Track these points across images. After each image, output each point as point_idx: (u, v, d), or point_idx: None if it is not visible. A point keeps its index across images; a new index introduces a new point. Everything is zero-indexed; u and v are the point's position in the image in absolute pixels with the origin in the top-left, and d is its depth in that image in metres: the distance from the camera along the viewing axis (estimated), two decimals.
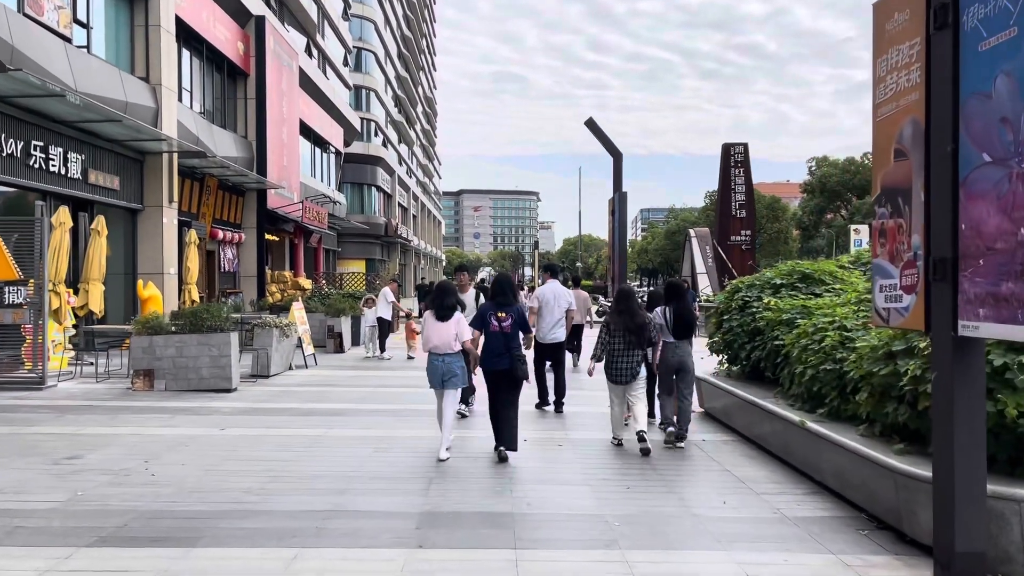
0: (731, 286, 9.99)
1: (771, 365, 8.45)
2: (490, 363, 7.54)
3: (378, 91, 57.24)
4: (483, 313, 7.69)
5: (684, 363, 8.25)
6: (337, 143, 40.45)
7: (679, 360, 8.24)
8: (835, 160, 55.71)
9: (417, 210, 77.99)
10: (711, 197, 67.41)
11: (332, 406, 10.43)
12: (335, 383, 12.88)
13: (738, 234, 41.78)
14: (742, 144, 42.08)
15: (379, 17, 57.78)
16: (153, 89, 18.46)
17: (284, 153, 28.13)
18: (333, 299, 19.23)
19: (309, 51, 36.94)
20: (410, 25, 75.69)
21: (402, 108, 72.01)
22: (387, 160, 57.47)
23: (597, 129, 14.56)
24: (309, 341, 15.23)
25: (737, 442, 8.28)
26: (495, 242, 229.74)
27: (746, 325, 9.11)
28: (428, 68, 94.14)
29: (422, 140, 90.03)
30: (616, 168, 14.27)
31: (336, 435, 8.47)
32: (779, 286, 9.38)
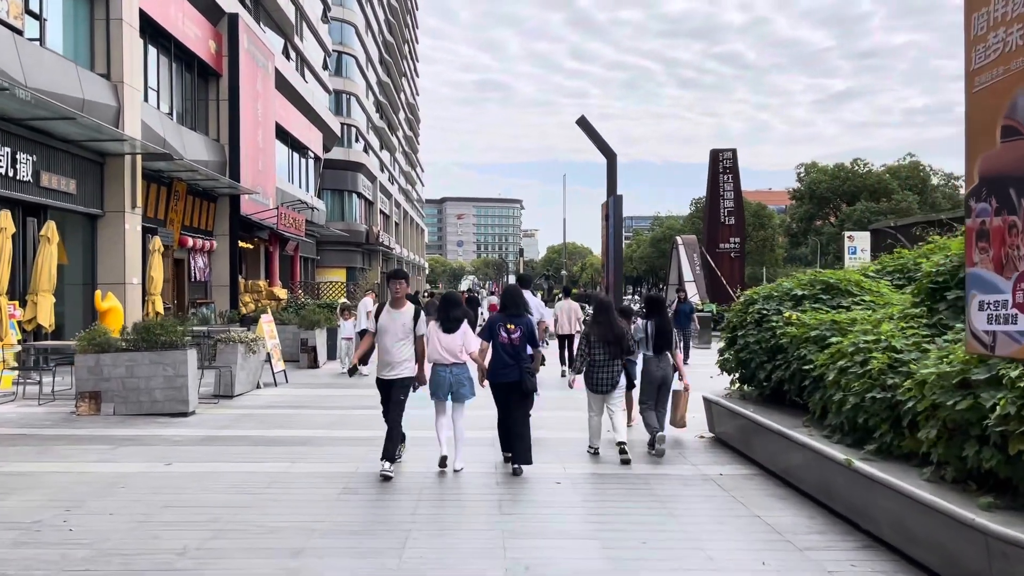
0: (745, 297, 8.99)
1: (796, 388, 7.44)
2: (499, 375, 7.41)
3: (359, 96, 56.11)
4: (492, 324, 7.57)
5: (666, 377, 8.45)
6: (316, 148, 39.29)
7: (662, 374, 8.41)
8: (824, 166, 55.07)
9: (399, 217, 76.81)
10: (697, 204, 66.75)
11: (299, 433, 9.31)
12: (306, 404, 11.74)
13: (727, 241, 41.00)
14: (730, 150, 41.30)
15: (360, 21, 56.70)
16: (115, 87, 17.29)
17: (259, 157, 26.96)
18: (307, 310, 18.08)
19: (287, 53, 35.80)
20: (392, 30, 74.65)
21: (384, 114, 70.90)
22: (368, 166, 56.32)
23: (590, 128, 13.56)
24: (279, 357, 14.09)
25: (760, 476, 7.25)
26: (479, 250, 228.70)
27: (765, 342, 8.10)
28: (410, 74, 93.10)
29: (404, 146, 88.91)
30: (610, 170, 13.27)
31: (300, 471, 7.36)
32: (800, 297, 8.37)
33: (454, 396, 7.44)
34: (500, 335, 7.45)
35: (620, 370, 8.04)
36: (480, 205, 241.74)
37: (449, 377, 7.37)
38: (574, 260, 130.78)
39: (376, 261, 60.13)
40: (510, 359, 7.39)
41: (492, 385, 7.53)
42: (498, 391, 7.52)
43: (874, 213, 46.19)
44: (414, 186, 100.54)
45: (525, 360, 7.44)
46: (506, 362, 7.39)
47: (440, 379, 7.41)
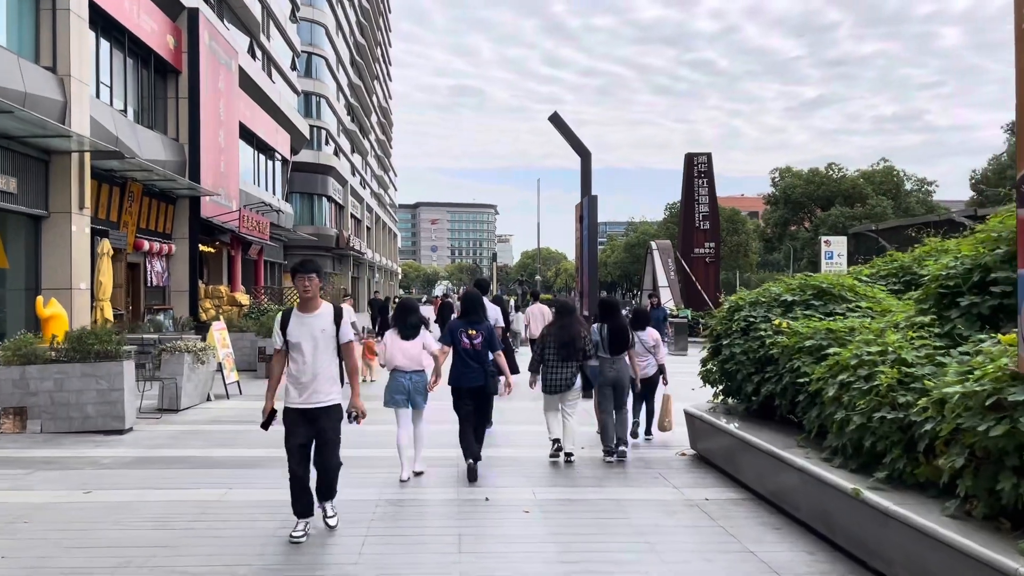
0: (730, 303, 8.31)
1: (788, 403, 6.76)
2: (462, 380, 7.51)
3: (329, 98, 55.13)
4: (453, 330, 7.63)
5: (620, 380, 8.44)
6: (284, 150, 38.30)
7: (615, 376, 8.42)
8: (799, 171, 54.86)
9: (371, 222, 75.76)
10: (672, 209, 66.44)
11: (244, 453, 8.48)
12: (257, 418, 10.85)
13: (702, 246, 40.57)
14: (705, 154, 40.93)
15: (330, 22, 55.74)
16: (61, 81, 16.30)
17: (221, 158, 25.97)
18: (267, 316, 17.18)
19: (252, 52, 34.82)
20: (363, 32, 73.70)
21: (355, 117, 69.89)
22: (339, 170, 55.30)
23: (563, 125, 12.87)
24: (232, 366, 13.22)
25: (750, 501, 6.57)
26: (453, 255, 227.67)
27: (752, 352, 7.42)
28: (383, 77, 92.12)
29: (377, 150, 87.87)
30: (584, 168, 12.59)
31: (237, 499, 6.56)
32: (790, 304, 7.71)
33: (412, 402, 7.43)
34: (462, 340, 7.52)
35: (575, 372, 8.15)
36: (454, 210, 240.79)
37: (408, 384, 7.36)
38: (548, 265, 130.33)
39: (347, 266, 59.09)
40: (474, 363, 7.50)
41: (455, 390, 7.59)
42: (462, 396, 7.57)
43: (849, 218, 46.03)
44: (387, 190, 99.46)
45: (488, 364, 7.57)
46: (470, 366, 7.50)
47: (399, 385, 7.36)
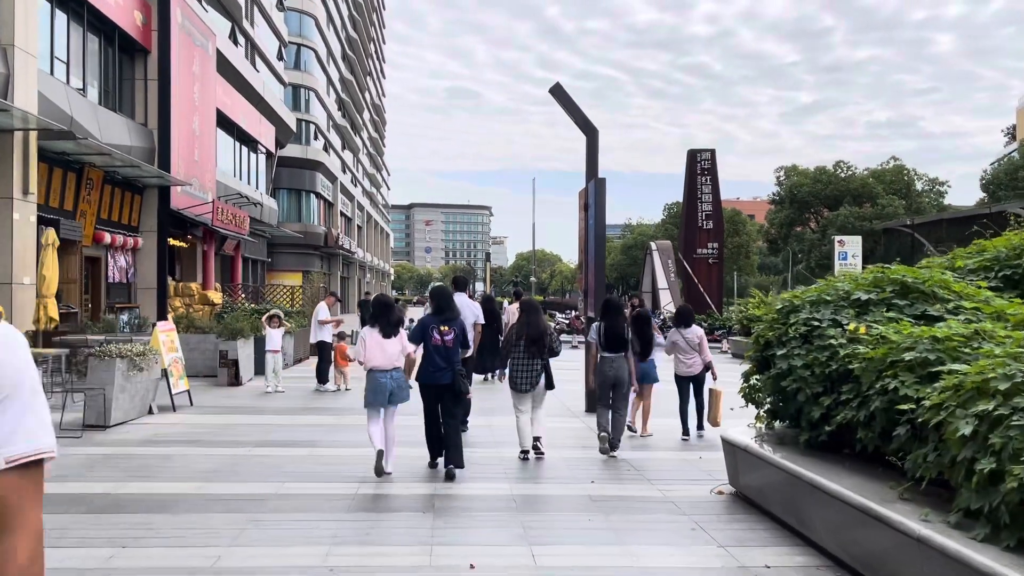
0: (782, 303, 6.57)
1: (876, 436, 5.03)
2: (431, 377, 7.45)
3: (319, 92, 53.31)
4: (425, 327, 7.58)
5: (619, 377, 8.56)
6: (268, 142, 36.51)
7: (614, 374, 8.56)
8: (805, 170, 53.00)
9: (362, 221, 73.93)
10: (670, 210, 64.79)
11: (163, 488, 6.70)
12: (199, 438, 9.11)
13: (705, 247, 38.91)
14: (709, 150, 39.28)
15: (321, 14, 53.93)
16: (3, 51, 14.52)
17: (195, 146, 24.18)
18: (231, 317, 15.40)
19: (234, 38, 33.04)
20: (356, 27, 71.89)
21: (347, 112, 68.07)
22: (328, 166, 53.49)
23: (566, 98, 11.19)
24: (181, 373, 11.44)
25: (829, 571, 4.82)
26: (447, 256, 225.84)
27: (819, 365, 5.68)
28: (376, 74, 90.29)
29: (369, 148, 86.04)
30: (590, 148, 10.90)
31: (122, 566, 4.78)
32: (865, 303, 5.98)
33: (392, 399, 7.32)
34: (433, 337, 7.46)
35: (540, 371, 8.21)
36: (449, 211, 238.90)
37: (390, 383, 7.26)
38: (543, 267, 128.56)
39: (336, 265, 57.28)
40: (443, 362, 7.43)
41: (424, 387, 7.54)
42: (430, 393, 7.54)
43: (859, 218, 44.37)
44: (379, 189, 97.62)
45: (458, 362, 7.51)
46: (439, 364, 7.42)
47: (379, 385, 7.25)
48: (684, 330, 9.68)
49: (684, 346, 9.62)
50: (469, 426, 10.04)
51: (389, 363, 7.27)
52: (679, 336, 9.69)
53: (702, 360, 9.64)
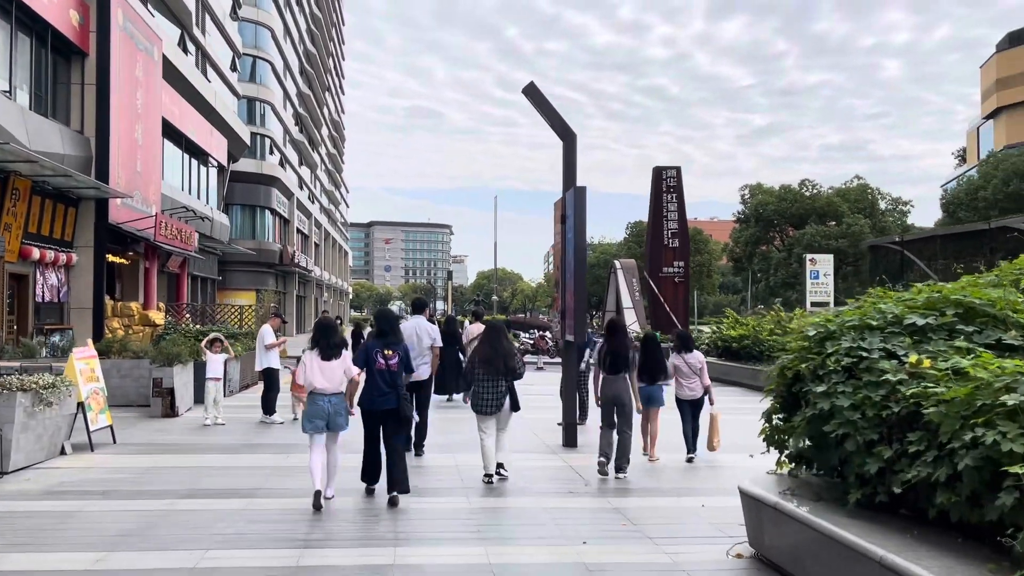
0: (815, 328, 5.50)
1: (959, 499, 3.94)
2: (375, 402, 7.31)
3: (275, 105, 51.75)
4: (368, 350, 7.46)
5: (619, 397, 8.58)
6: (220, 155, 34.94)
7: (614, 394, 8.58)
8: (770, 188, 52.68)
9: (320, 238, 72.14)
10: (633, 229, 64.21)
11: (50, 563, 5.35)
12: (115, 487, 7.73)
13: (671, 265, 37.99)
14: (675, 168, 38.50)
15: (278, 25, 52.49)
16: None
17: (137, 156, 22.64)
18: (167, 341, 13.95)
19: (184, 46, 31.51)
20: (315, 41, 70.46)
21: (304, 127, 66.46)
22: (285, 181, 51.88)
23: (540, 99, 10.12)
24: (103, 406, 10.00)
25: None
26: (407, 275, 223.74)
27: (874, 407, 4.59)
28: (335, 89, 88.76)
29: (327, 164, 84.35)
30: (567, 154, 9.85)
31: None
32: (921, 329, 4.92)
33: (331, 426, 7.14)
34: (377, 361, 7.34)
35: (505, 392, 8.14)
36: (409, 230, 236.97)
37: (328, 407, 7.10)
38: (504, 286, 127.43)
39: (292, 284, 55.50)
40: (387, 386, 7.31)
41: (366, 413, 7.37)
42: (373, 419, 7.39)
43: (825, 236, 44.08)
44: (338, 207, 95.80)
45: (402, 386, 7.43)
46: (383, 389, 7.29)
47: (319, 410, 7.09)
48: (686, 355, 9.86)
49: (686, 370, 9.82)
50: (434, 465, 8.88)
51: (330, 387, 7.11)
52: (681, 360, 9.87)
53: (702, 384, 9.83)
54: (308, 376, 7.13)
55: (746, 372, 19.38)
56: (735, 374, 19.88)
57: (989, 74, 77.98)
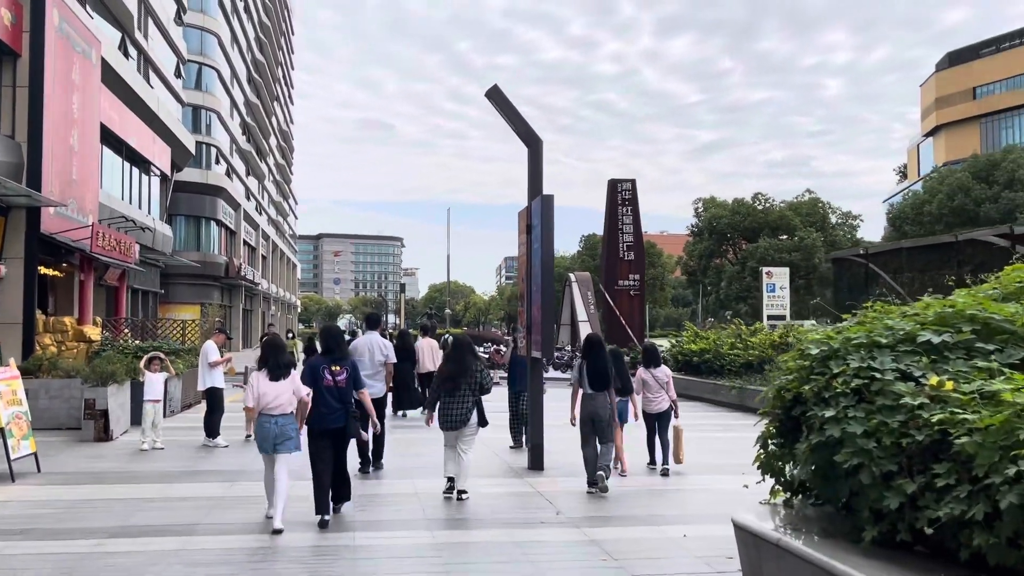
0: (815, 346, 5.04)
1: (999, 541, 3.50)
2: (323, 421, 7.15)
3: (222, 114, 50.45)
4: (315, 368, 7.28)
5: (599, 414, 8.57)
6: (163, 164, 33.72)
7: (594, 411, 8.58)
8: (723, 201, 53.07)
9: (268, 251, 70.56)
10: (587, 242, 64.19)
11: None
12: (34, 524, 6.93)
13: (626, 278, 37.80)
14: (630, 180, 38.47)
15: (225, 33, 51.28)
16: None
17: (73, 163, 21.53)
18: (101, 359, 13.03)
19: (125, 49, 30.36)
20: (263, 49, 69.16)
21: (252, 137, 65.04)
22: (231, 192, 50.52)
23: (504, 103, 9.60)
24: (25, 432, 9.14)
25: None
26: (357, 288, 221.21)
27: (891, 434, 4.15)
28: (284, 99, 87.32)
29: (276, 175, 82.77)
30: (533, 161, 9.39)
31: None
32: (938, 348, 4.50)
33: (278, 448, 6.94)
34: (325, 379, 7.21)
35: (471, 407, 8.15)
36: (359, 242, 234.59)
37: (275, 428, 6.92)
38: (457, 299, 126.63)
39: (238, 297, 54.01)
40: (336, 403, 7.19)
41: (315, 432, 7.18)
42: (321, 438, 7.18)
43: (778, 250, 44.48)
44: (286, 218, 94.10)
45: (351, 403, 7.32)
46: (333, 407, 7.17)
47: (266, 431, 6.94)
48: (653, 369, 9.95)
49: (653, 385, 9.92)
50: (392, 492, 8.27)
51: (279, 408, 6.94)
52: (649, 375, 9.95)
53: (668, 397, 9.95)
54: (255, 397, 6.97)
55: (707, 387, 19.08)
56: (696, 389, 19.58)
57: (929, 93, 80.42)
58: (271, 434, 6.89)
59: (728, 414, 16.88)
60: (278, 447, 6.92)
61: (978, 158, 48.99)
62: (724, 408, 17.71)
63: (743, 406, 17.18)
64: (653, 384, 9.89)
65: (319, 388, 7.16)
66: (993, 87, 73.05)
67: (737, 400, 17.40)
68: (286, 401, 6.98)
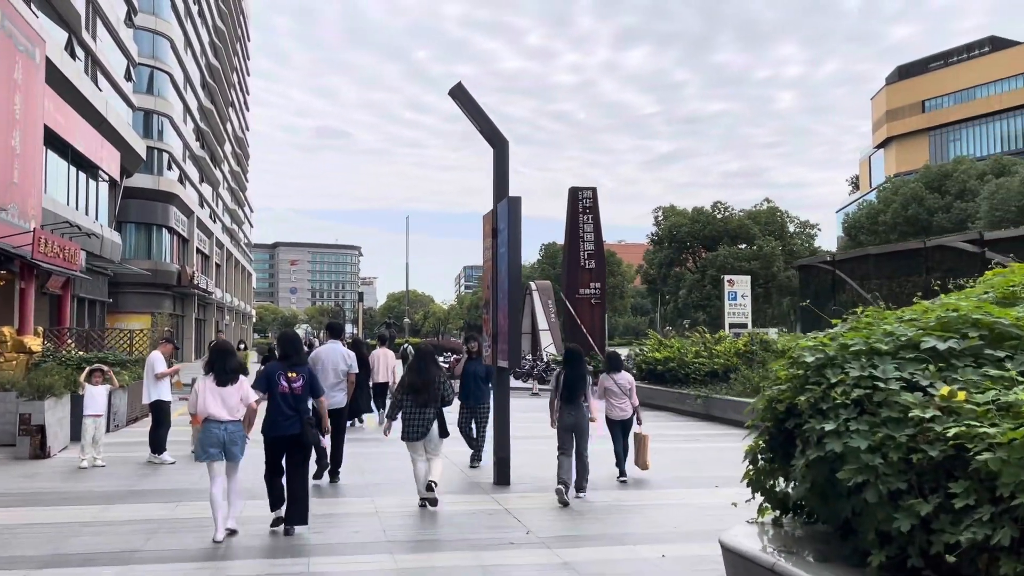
0: (811, 353, 4.71)
1: None
2: (277, 428, 6.95)
3: (174, 118, 49.22)
4: (270, 373, 7.09)
5: (579, 425, 8.69)
6: (112, 169, 32.65)
7: (573, 421, 8.67)
8: (683, 210, 53.32)
9: (222, 259, 69.09)
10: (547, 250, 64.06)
11: None
12: None
13: (587, 287, 37.55)
14: (590, 188, 38.20)
15: (178, 36, 50.09)
16: None
17: (14, 165, 20.59)
18: (40, 371, 12.27)
19: (72, 50, 29.30)
20: (218, 54, 67.87)
21: (206, 143, 63.68)
22: (184, 199, 49.32)
23: (469, 102, 9.20)
24: None
25: None
26: (313, 298, 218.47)
27: (898, 448, 3.82)
28: (239, 105, 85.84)
29: (231, 182, 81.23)
30: (499, 162, 9.04)
31: None
32: (945, 354, 4.20)
33: (227, 455, 6.80)
34: (280, 385, 7.02)
35: (432, 418, 8.10)
36: (316, 251, 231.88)
37: (223, 435, 6.76)
38: (416, 308, 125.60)
39: (190, 307, 52.66)
40: (291, 410, 6.99)
41: (270, 440, 7.03)
42: (276, 446, 7.03)
43: (738, 258, 44.74)
44: (241, 227, 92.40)
45: (307, 411, 7.12)
46: (287, 414, 6.97)
47: (213, 437, 6.75)
48: (615, 375, 9.94)
49: (616, 391, 9.90)
50: (350, 512, 7.77)
51: (226, 414, 6.80)
52: (611, 381, 9.95)
53: (631, 404, 9.94)
54: (201, 403, 6.81)
55: (672, 396, 18.84)
56: (661, 398, 19.32)
57: (879, 106, 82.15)
58: (219, 440, 6.74)
59: (694, 423, 16.63)
60: (227, 454, 6.80)
61: (930, 169, 50.00)
62: (690, 417, 17.47)
63: (709, 415, 16.95)
64: (616, 390, 9.87)
65: (274, 394, 6.99)
66: (941, 100, 74.89)
67: (703, 409, 17.17)
68: (233, 407, 6.84)
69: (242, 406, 6.93)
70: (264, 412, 7.08)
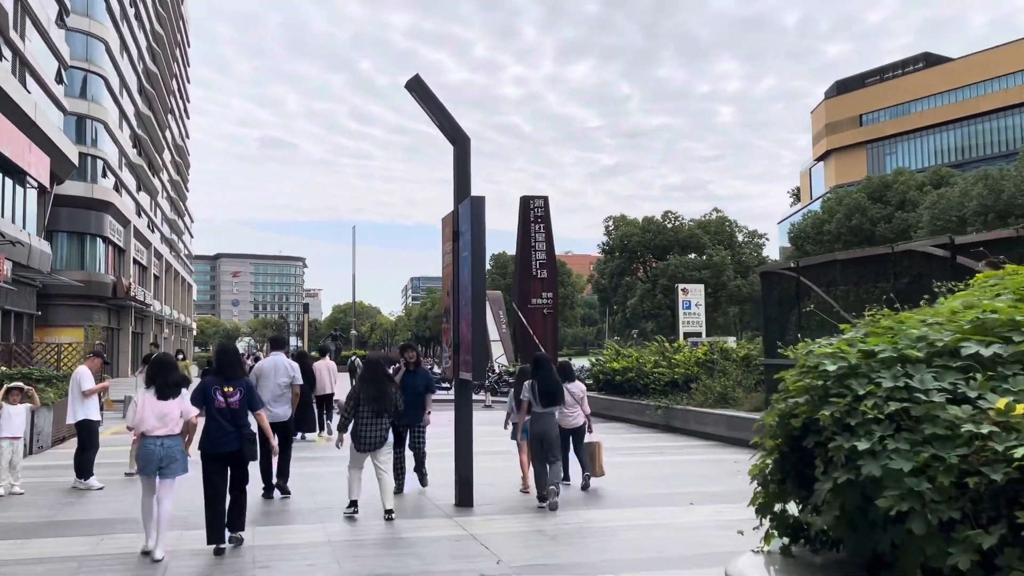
0: (832, 360, 4.18)
1: None
2: (215, 445, 6.78)
3: (109, 124, 47.36)
4: (206, 388, 6.91)
5: (548, 433, 8.70)
6: (41, 175, 31.07)
7: (543, 429, 8.71)
8: (634, 220, 53.37)
9: (161, 270, 66.83)
10: (497, 260, 63.54)
11: None
12: None
13: (539, 296, 37.13)
14: (542, 197, 37.86)
15: (114, 39, 48.29)
16: None
17: None
18: None
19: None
20: (156, 59, 65.82)
21: (143, 150, 61.59)
22: (120, 207, 47.44)
23: (427, 96, 8.59)
24: None
25: None
26: (256, 310, 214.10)
27: (948, 472, 3.31)
28: (179, 113, 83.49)
29: (170, 191, 78.85)
30: (460, 160, 8.48)
31: None
32: (990, 362, 3.72)
33: (163, 472, 6.58)
34: (216, 400, 6.81)
35: (387, 428, 8.09)
36: (259, 263, 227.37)
37: (160, 451, 6.57)
38: (363, 320, 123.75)
39: (127, 319, 50.66)
40: (229, 426, 6.78)
41: (207, 456, 6.78)
42: (215, 462, 6.77)
43: (689, 268, 44.85)
44: (181, 237, 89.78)
45: (246, 426, 6.90)
46: (225, 429, 6.76)
47: (150, 453, 6.56)
48: (568, 384, 9.86)
49: (568, 400, 9.83)
50: (302, 542, 7.05)
51: (165, 428, 6.63)
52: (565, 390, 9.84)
53: (582, 412, 10.00)
54: (139, 417, 6.63)
55: (632, 407, 18.40)
56: (620, 409, 18.86)
57: (819, 120, 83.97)
58: (156, 456, 6.58)
59: (655, 435, 16.19)
60: (163, 470, 6.59)
61: (871, 179, 51.03)
62: (650, 429, 17.03)
63: (669, 426, 16.54)
64: (568, 399, 9.82)
65: (210, 409, 6.83)
66: (878, 115, 76.86)
67: (663, 420, 16.75)
68: (173, 422, 6.68)
69: (181, 421, 6.75)
70: (201, 428, 6.88)
